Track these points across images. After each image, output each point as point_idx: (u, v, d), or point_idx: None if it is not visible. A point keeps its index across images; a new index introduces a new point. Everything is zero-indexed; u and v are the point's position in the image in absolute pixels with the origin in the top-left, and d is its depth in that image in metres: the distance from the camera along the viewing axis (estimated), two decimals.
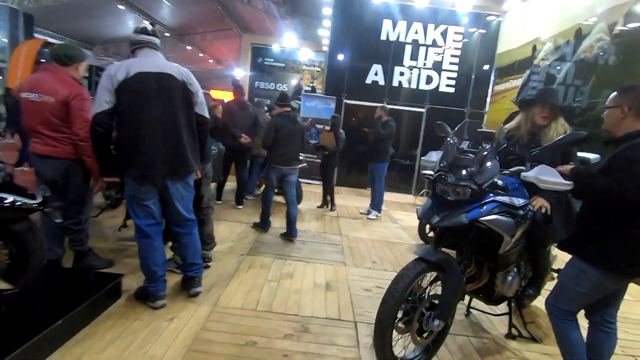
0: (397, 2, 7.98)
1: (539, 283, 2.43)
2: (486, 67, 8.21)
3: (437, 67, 8.19)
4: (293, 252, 3.75)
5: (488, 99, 8.27)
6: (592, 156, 2.90)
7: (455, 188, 1.91)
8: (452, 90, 8.26)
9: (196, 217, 2.58)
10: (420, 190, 7.91)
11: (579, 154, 2.53)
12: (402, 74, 8.22)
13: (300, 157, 5.97)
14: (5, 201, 2.03)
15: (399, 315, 1.90)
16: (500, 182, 2.03)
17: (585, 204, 1.88)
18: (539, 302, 2.63)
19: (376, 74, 8.22)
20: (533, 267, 2.38)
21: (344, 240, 4.35)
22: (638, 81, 4.31)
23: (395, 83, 8.25)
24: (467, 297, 2.64)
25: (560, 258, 2.65)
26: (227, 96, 20.17)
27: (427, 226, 4.53)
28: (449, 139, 2.05)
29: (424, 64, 8.18)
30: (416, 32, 8.08)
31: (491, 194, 1.91)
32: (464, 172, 1.92)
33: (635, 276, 1.73)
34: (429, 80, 8.22)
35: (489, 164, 1.89)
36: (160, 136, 2.20)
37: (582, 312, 1.95)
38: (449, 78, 8.22)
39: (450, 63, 8.18)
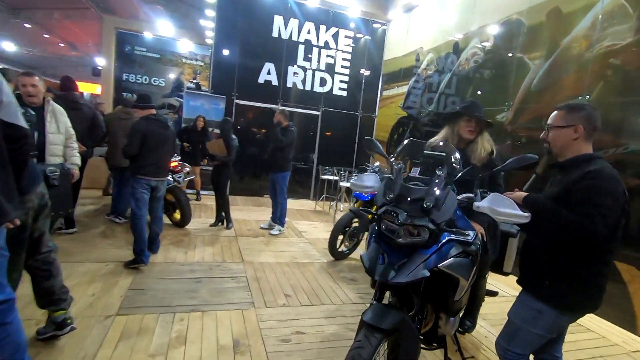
0: None
1: (475, 313, 2.27)
2: (375, 72, 8.48)
3: (330, 69, 8.09)
4: (185, 299, 2.91)
5: (377, 104, 8.58)
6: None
7: (408, 228, 1.51)
8: (344, 93, 8.28)
9: (15, 288, 1.59)
10: (320, 195, 7.70)
11: None
12: (295, 74, 7.85)
13: (187, 168, 5.05)
14: None
15: None
16: None
17: (535, 236, 1.70)
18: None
19: (269, 73, 7.66)
20: (470, 298, 2.19)
21: (249, 269, 3.68)
22: (507, 93, 4.81)
23: (289, 84, 7.83)
24: None
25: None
26: (88, 88, 16.69)
27: (339, 240, 4.22)
28: (394, 164, 1.64)
29: (317, 66, 7.98)
30: (308, 32, 7.81)
31: (446, 232, 1.57)
32: (416, 207, 1.53)
33: (592, 310, 1.61)
34: (322, 82, 8.06)
35: (446, 196, 1.54)
36: None
37: None
38: (341, 81, 8.22)
39: (342, 66, 8.19)
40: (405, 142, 1.97)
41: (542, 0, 4.46)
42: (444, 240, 1.54)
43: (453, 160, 1.66)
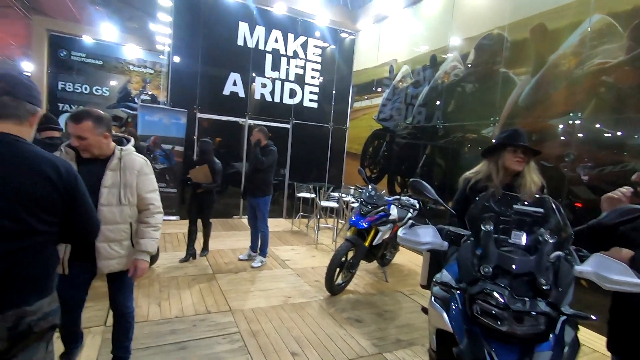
0: (253, 5, 7.04)
1: None
2: (344, 83, 8.22)
3: (300, 80, 7.69)
4: None
5: (348, 116, 8.32)
6: None
7: (520, 315, 1.15)
8: (315, 105, 7.92)
9: None
10: (296, 213, 7.22)
11: None
12: (264, 85, 7.33)
13: None
14: None
15: None
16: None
17: None
18: None
19: (235, 84, 7.06)
20: None
21: (240, 321, 3.12)
22: (493, 108, 4.75)
23: (257, 96, 7.29)
24: None
25: None
26: None
27: (337, 273, 3.80)
28: (482, 226, 1.28)
29: (287, 77, 7.54)
30: (276, 41, 7.35)
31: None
32: (523, 284, 1.17)
33: None
34: (292, 94, 7.63)
35: (563, 270, 1.20)
36: None
37: None
38: (311, 92, 7.85)
39: (312, 77, 7.82)
40: (489, 191, 1.61)
41: (525, 16, 4.45)
42: (560, 326, 1.20)
43: (559, 218, 1.33)
